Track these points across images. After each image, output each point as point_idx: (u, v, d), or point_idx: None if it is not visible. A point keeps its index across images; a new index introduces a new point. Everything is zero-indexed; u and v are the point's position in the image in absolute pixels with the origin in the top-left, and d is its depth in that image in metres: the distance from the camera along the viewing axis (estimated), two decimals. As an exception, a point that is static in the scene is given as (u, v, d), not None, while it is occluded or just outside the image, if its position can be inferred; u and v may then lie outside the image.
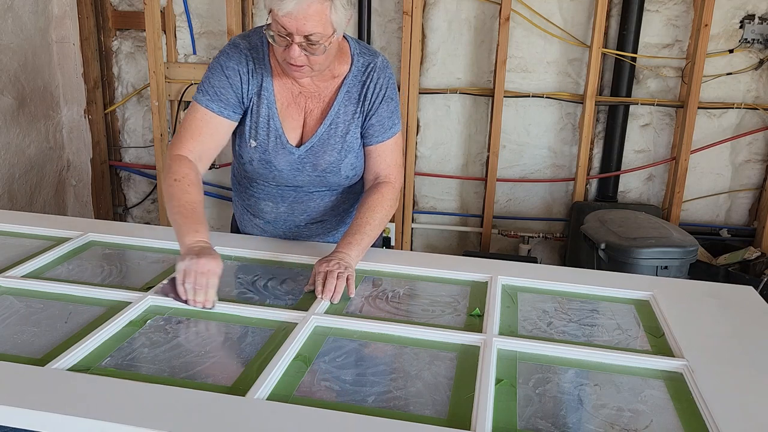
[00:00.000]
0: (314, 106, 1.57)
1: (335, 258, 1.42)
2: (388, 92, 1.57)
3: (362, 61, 1.56)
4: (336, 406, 1.01)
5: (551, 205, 3.44)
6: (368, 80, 1.55)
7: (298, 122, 1.57)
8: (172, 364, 1.12)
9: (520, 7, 3.15)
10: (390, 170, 1.61)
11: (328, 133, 1.56)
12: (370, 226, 1.51)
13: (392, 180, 1.60)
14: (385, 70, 1.58)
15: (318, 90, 1.55)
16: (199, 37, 3.47)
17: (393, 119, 1.59)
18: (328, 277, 1.36)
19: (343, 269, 1.39)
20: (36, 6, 3.36)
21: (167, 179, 1.45)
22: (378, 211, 1.54)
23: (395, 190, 1.60)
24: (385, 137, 1.59)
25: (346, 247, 1.46)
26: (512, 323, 1.30)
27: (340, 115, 1.56)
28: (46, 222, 1.76)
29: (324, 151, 1.56)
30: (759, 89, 3.14)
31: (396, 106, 1.60)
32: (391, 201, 1.58)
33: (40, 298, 1.34)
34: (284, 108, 1.56)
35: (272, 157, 1.56)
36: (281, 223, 1.69)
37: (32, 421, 0.96)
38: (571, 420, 1.00)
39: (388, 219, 1.57)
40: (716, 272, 2.96)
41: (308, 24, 1.33)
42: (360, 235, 1.49)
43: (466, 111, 3.36)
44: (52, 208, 3.63)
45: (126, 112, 3.70)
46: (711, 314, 1.36)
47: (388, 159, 1.60)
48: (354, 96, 1.56)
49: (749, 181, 3.28)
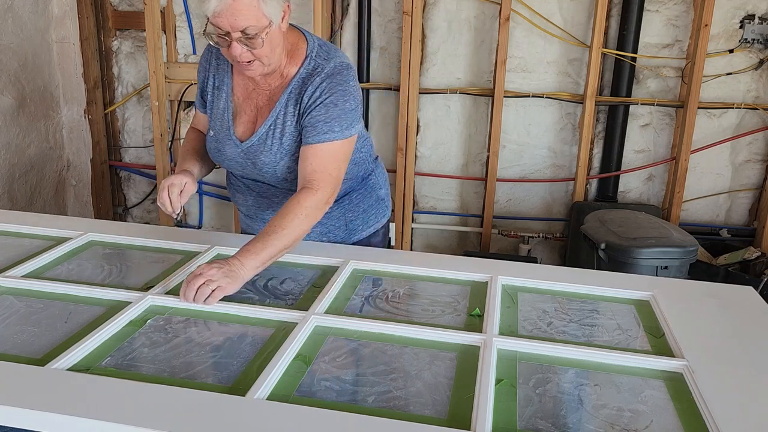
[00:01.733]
0: (264, 105, 1.58)
1: (224, 264, 1.34)
2: (330, 98, 1.49)
3: (312, 64, 1.53)
4: (336, 406, 1.01)
5: (551, 205, 3.44)
6: (309, 83, 1.51)
7: (250, 117, 1.60)
8: (172, 364, 1.12)
9: (520, 7, 3.15)
10: (315, 176, 1.49)
11: (267, 134, 1.56)
12: (277, 235, 1.40)
13: (315, 187, 1.48)
14: (335, 76, 1.50)
15: (269, 88, 1.57)
16: (199, 37, 3.47)
17: (331, 125, 1.50)
18: (192, 283, 1.30)
19: (219, 277, 1.31)
20: (36, 6, 3.36)
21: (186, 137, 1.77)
22: (290, 219, 1.43)
23: (316, 198, 1.47)
24: (315, 140, 1.50)
25: (244, 255, 1.37)
26: (512, 323, 1.30)
27: (281, 117, 1.55)
28: (46, 222, 1.76)
29: (261, 151, 1.56)
30: (759, 89, 3.13)
31: (341, 114, 1.50)
32: (310, 210, 1.46)
33: (40, 298, 1.34)
34: (240, 103, 1.61)
35: (222, 146, 1.62)
36: (254, 216, 1.73)
37: (32, 421, 0.96)
38: (571, 420, 1.00)
39: (304, 228, 1.46)
40: (716, 272, 2.96)
41: (239, 19, 1.35)
42: (262, 244, 1.39)
43: (466, 111, 3.36)
44: (52, 208, 3.63)
45: (126, 112, 3.70)
46: (711, 314, 1.36)
47: (314, 164, 1.50)
48: (294, 97, 1.54)
49: (749, 181, 3.28)
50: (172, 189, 1.53)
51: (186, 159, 1.68)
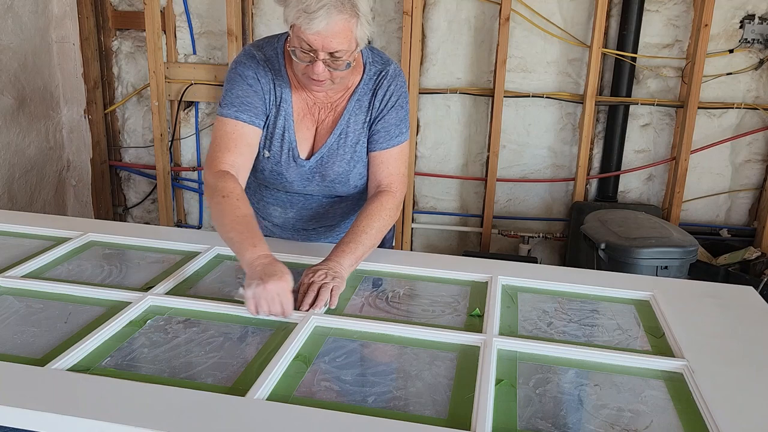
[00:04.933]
0: (326, 116, 1.56)
1: (325, 267, 1.37)
2: (399, 100, 1.55)
3: (374, 70, 1.55)
4: (336, 406, 1.01)
5: (551, 205, 3.44)
6: (378, 88, 1.54)
7: (311, 132, 1.58)
8: (172, 364, 1.12)
9: (520, 7, 3.15)
10: (392, 179, 1.57)
11: (338, 143, 1.56)
12: (366, 235, 1.47)
13: (394, 189, 1.56)
14: (397, 78, 1.56)
15: (331, 100, 1.55)
16: (199, 37, 3.47)
17: (400, 128, 1.56)
18: (309, 290, 1.32)
19: (330, 280, 1.34)
20: (36, 6, 3.36)
21: (214, 197, 1.40)
22: (376, 220, 1.49)
23: (396, 200, 1.55)
24: (390, 144, 1.56)
25: (339, 256, 1.41)
26: (512, 323, 1.30)
27: (350, 125, 1.55)
28: (46, 222, 1.76)
29: (333, 161, 1.56)
30: (759, 89, 3.13)
31: (405, 115, 1.57)
32: (391, 211, 1.53)
33: (40, 298, 1.34)
34: (299, 120, 1.56)
35: (284, 169, 1.57)
36: (290, 226, 1.71)
37: (32, 421, 0.96)
38: (571, 420, 1.00)
39: (386, 229, 1.53)
40: (716, 272, 2.96)
41: (335, 41, 1.33)
42: (355, 244, 1.44)
43: (466, 111, 3.36)
44: (52, 208, 3.63)
45: (126, 112, 3.70)
46: (711, 314, 1.36)
47: (390, 167, 1.57)
48: (364, 105, 1.55)
49: (749, 181, 3.28)
50: (287, 297, 1.25)
51: (253, 234, 1.35)
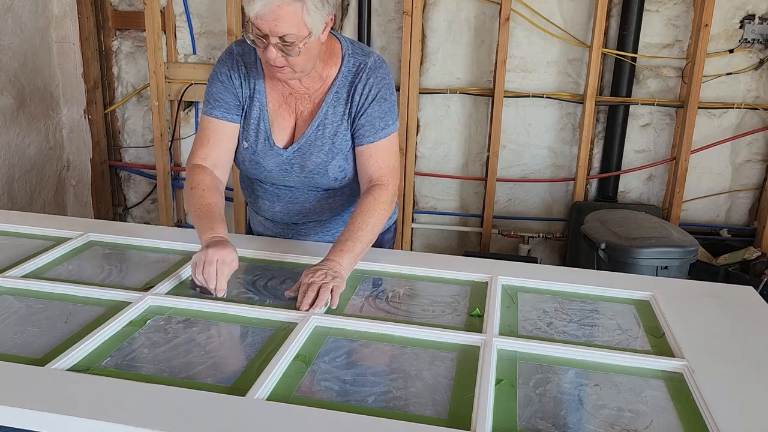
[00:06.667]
0: (304, 108, 1.57)
1: (324, 267, 1.38)
2: (380, 93, 1.54)
3: (353, 62, 1.55)
4: (336, 406, 1.01)
5: (551, 205, 3.44)
6: (357, 81, 1.54)
7: (289, 123, 1.58)
8: (172, 364, 1.12)
9: (520, 7, 3.15)
10: (383, 172, 1.56)
11: (316, 134, 1.56)
12: (363, 232, 1.47)
13: (386, 183, 1.55)
14: (378, 71, 1.55)
15: (308, 91, 1.56)
16: (199, 37, 3.47)
17: (386, 120, 1.56)
18: (309, 290, 1.32)
19: (330, 280, 1.34)
20: (36, 6, 3.36)
21: (185, 189, 1.56)
22: (371, 216, 1.49)
23: (389, 193, 1.55)
24: (376, 138, 1.55)
25: (338, 255, 1.42)
26: (512, 323, 1.30)
27: (329, 117, 1.55)
28: (46, 222, 1.76)
29: (311, 152, 1.57)
30: (759, 89, 3.13)
31: (391, 107, 1.56)
32: (385, 204, 1.53)
33: (40, 298, 1.34)
34: (275, 109, 1.58)
35: (261, 158, 1.59)
36: (279, 220, 1.72)
37: (32, 421, 0.96)
38: (571, 420, 1.00)
39: (382, 223, 1.53)
40: (716, 272, 2.96)
41: (281, 25, 1.34)
42: (352, 242, 1.45)
43: (466, 111, 3.36)
44: (52, 208, 3.63)
45: (126, 112, 3.70)
46: (711, 314, 1.36)
47: (380, 161, 1.56)
48: (342, 97, 1.55)
49: (749, 181, 3.28)
50: (223, 268, 1.34)
51: (213, 219, 1.47)
